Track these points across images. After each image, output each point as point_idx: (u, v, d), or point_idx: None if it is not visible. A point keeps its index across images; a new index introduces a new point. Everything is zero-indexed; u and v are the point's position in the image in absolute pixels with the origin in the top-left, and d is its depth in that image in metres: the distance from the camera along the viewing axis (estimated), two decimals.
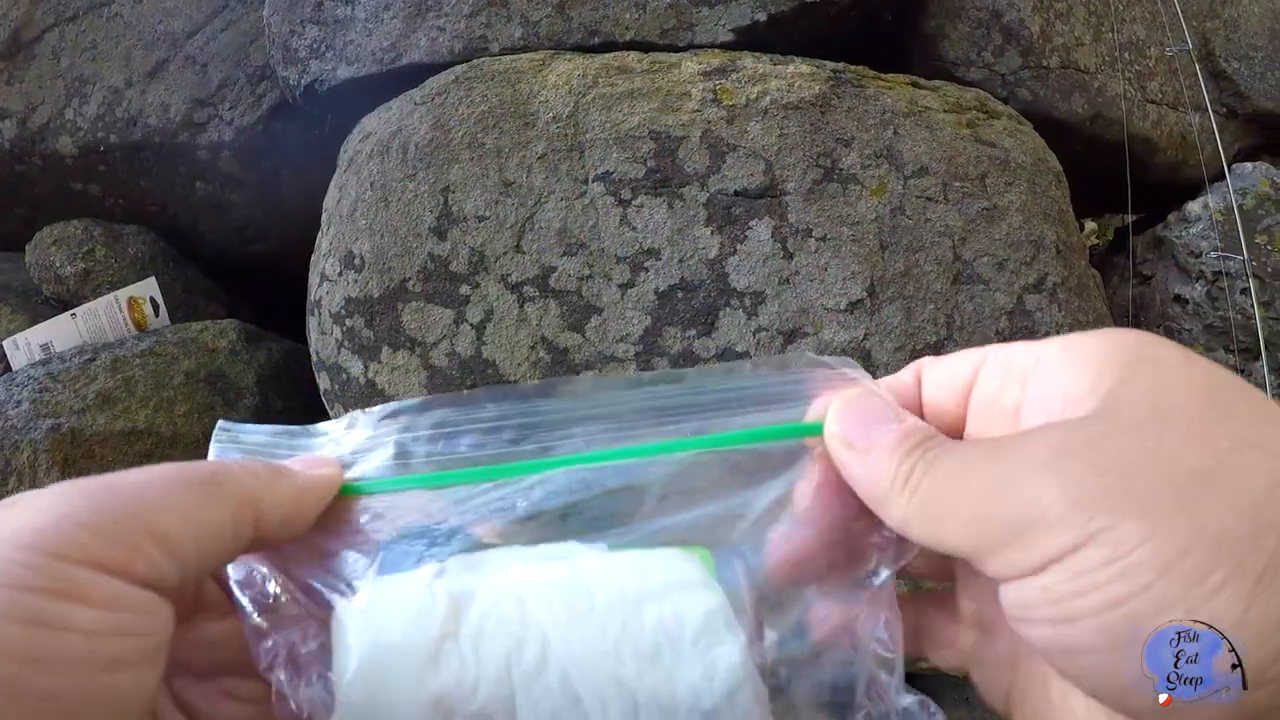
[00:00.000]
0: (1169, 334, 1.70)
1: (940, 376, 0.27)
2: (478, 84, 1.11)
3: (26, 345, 1.48)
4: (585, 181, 1.02)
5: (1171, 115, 1.65)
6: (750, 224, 1.00)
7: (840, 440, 0.25)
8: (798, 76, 1.06)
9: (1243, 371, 1.61)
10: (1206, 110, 1.60)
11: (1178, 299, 1.71)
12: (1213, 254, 1.60)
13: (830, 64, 1.12)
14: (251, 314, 1.83)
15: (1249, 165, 1.74)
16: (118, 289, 1.56)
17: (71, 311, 1.51)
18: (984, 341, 1.07)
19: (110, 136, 1.61)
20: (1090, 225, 2.47)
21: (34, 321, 1.53)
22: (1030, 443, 0.21)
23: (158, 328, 1.57)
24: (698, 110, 1.02)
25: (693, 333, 1.01)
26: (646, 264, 1.01)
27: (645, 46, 1.21)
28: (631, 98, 1.03)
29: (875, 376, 0.29)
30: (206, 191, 1.65)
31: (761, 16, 1.20)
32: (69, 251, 1.59)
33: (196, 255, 1.78)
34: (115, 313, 1.55)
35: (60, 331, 1.51)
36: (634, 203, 1.01)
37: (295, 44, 1.37)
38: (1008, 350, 0.25)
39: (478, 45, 1.23)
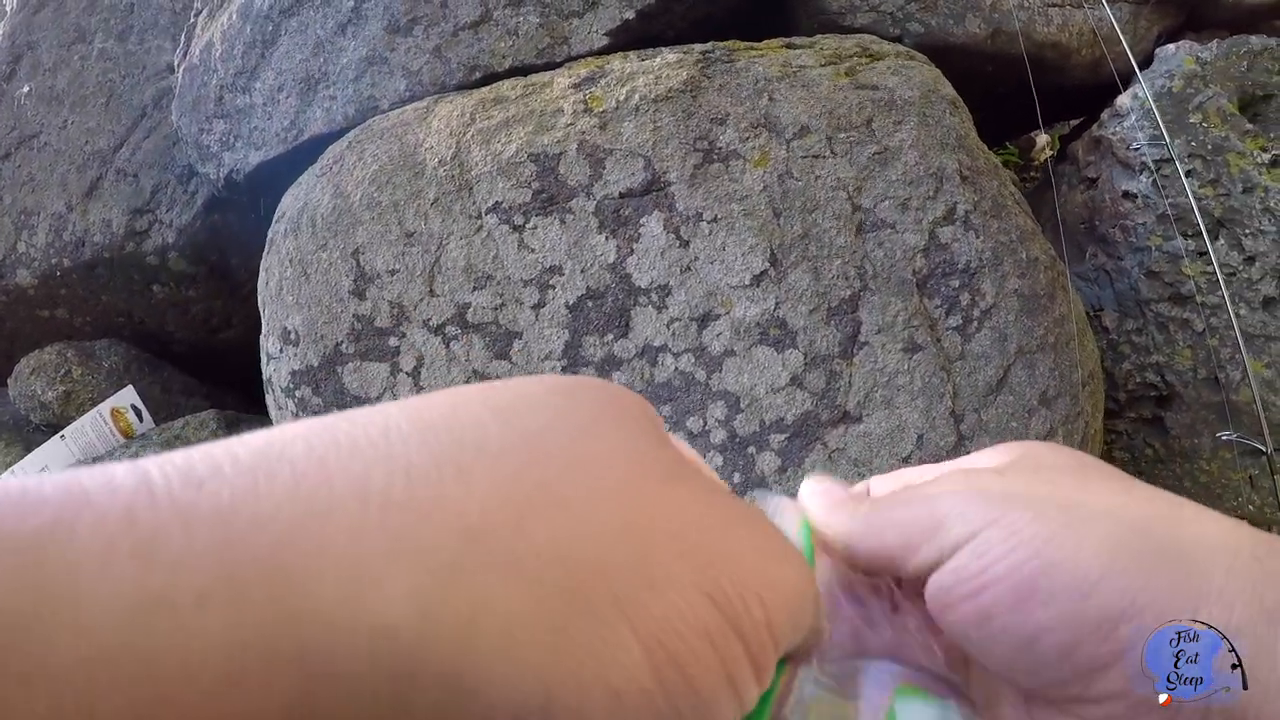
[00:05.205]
0: (1124, 231, 1.69)
1: (888, 483, 0.34)
2: (368, 144, 1.14)
3: (24, 474, 1.55)
4: (479, 216, 1.05)
5: (1077, 14, 1.63)
6: (641, 222, 1.02)
7: (809, 491, 0.32)
8: (665, 67, 1.08)
9: (1203, 255, 1.59)
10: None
11: (1126, 194, 1.70)
12: (1145, 144, 1.58)
13: (699, 46, 1.14)
14: (235, 398, 1.89)
15: (1171, 47, 1.71)
16: (99, 403, 1.62)
17: (60, 434, 1.58)
18: (901, 286, 1.08)
19: (64, 261, 1.67)
20: (1043, 138, 2.45)
21: (29, 450, 1.60)
22: (943, 480, 0.29)
23: (144, 432, 1.63)
24: (570, 124, 1.04)
25: (610, 337, 1.03)
26: (552, 281, 1.03)
27: (527, 70, 1.23)
28: (507, 126, 1.06)
29: (795, 341, 0.34)
30: (164, 293, 1.71)
31: (630, 14, 1.22)
32: (47, 377, 1.66)
33: (170, 354, 1.84)
34: (101, 426, 1.61)
35: (54, 455, 1.58)
36: (527, 226, 1.03)
37: (206, 140, 1.42)
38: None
39: (369, 106, 1.27)
